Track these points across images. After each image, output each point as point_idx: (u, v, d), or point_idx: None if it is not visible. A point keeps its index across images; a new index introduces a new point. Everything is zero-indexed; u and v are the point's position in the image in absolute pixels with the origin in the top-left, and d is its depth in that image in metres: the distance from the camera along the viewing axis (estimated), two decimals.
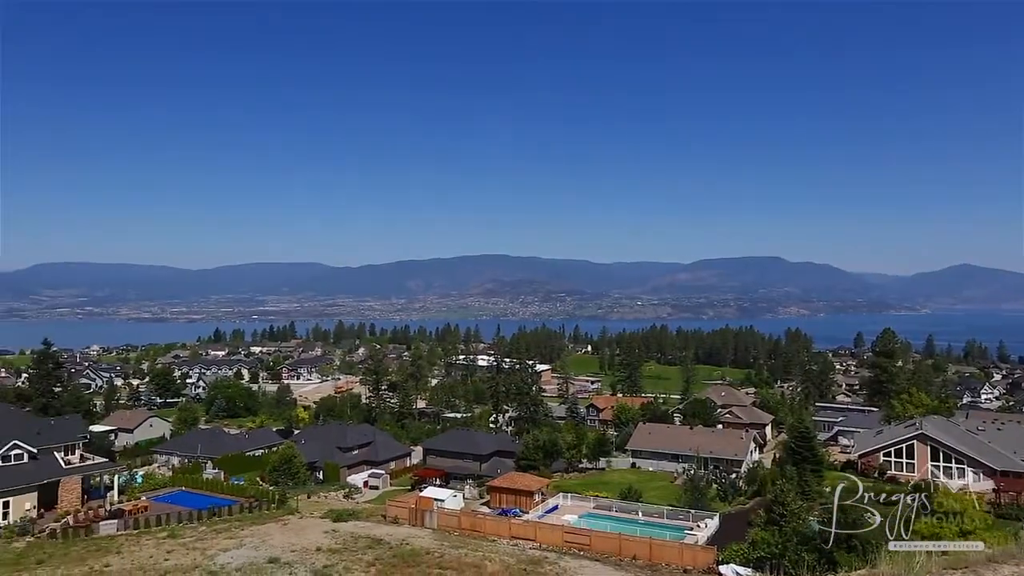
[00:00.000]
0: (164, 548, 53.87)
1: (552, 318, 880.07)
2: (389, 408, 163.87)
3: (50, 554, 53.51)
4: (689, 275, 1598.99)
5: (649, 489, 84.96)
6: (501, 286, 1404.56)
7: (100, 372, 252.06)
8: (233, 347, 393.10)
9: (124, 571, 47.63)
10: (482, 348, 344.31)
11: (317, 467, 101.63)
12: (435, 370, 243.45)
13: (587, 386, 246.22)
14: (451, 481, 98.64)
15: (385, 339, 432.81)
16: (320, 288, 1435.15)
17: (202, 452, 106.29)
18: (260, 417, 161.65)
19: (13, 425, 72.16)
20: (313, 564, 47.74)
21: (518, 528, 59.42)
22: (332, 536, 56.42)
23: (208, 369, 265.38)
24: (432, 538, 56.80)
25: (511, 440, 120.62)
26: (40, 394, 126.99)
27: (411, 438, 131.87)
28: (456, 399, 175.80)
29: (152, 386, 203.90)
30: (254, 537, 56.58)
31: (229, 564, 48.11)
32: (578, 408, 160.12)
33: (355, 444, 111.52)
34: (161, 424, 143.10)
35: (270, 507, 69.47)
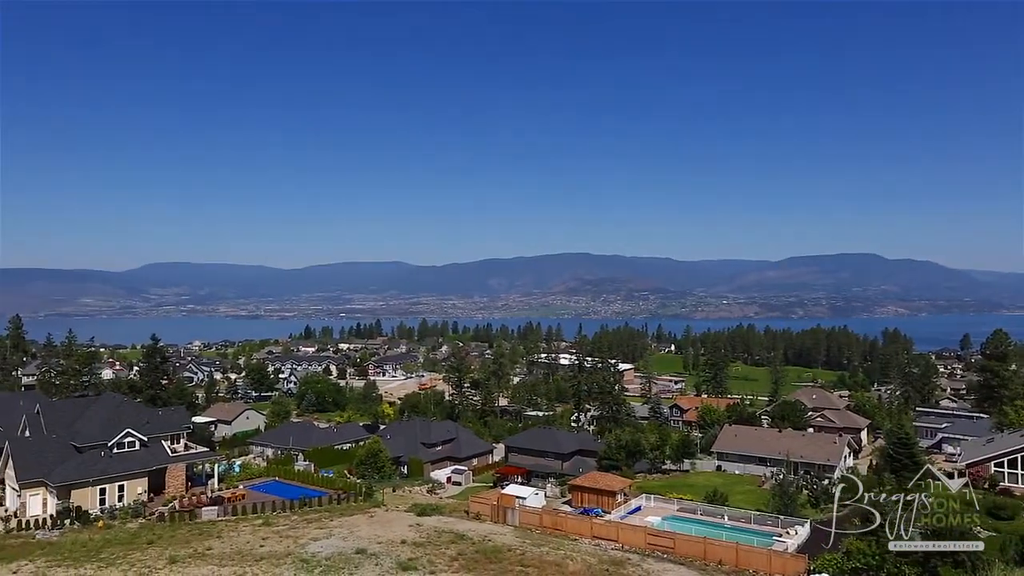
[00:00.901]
0: (259, 535, 56.46)
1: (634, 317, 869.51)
2: (471, 405, 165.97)
3: (159, 535, 57.07)
4: (778, 273, 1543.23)
5: (735, 493, 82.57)
6: (583, 284, 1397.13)
7: (201, 366, 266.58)
8: (322, 344, 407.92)
9: (224, 555, 50.21)
10: (564, 347, 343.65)
11: (402, 462, 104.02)
12: (517, 368, 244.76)
13: (670, 386, 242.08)
14: (532, 479, 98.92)
15: (468, 337, 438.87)
16: (405, 287, 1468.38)
17: (294, 444, 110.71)
18: (348, 412, 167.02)
19: (126, 415, 77.40)
20: (398, 557, 48.90)
21: (600, 528, 58.94)
22: (416, 530, 57.64)
23: (299, 365, 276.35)
24: (514, 535, 57.13)
25: (593, 439, 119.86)
26: (149, 386, 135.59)
27: (493, 435, 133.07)
28: (538, 397, 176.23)
29: (248, 380, 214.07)
30: (342, 528, 58.49)
31: (319, 553, 49.92)
32: (661, 408, 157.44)
33: (438, 440, 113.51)
34: (256, 417, 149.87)
35: (357, 499, 71.65)
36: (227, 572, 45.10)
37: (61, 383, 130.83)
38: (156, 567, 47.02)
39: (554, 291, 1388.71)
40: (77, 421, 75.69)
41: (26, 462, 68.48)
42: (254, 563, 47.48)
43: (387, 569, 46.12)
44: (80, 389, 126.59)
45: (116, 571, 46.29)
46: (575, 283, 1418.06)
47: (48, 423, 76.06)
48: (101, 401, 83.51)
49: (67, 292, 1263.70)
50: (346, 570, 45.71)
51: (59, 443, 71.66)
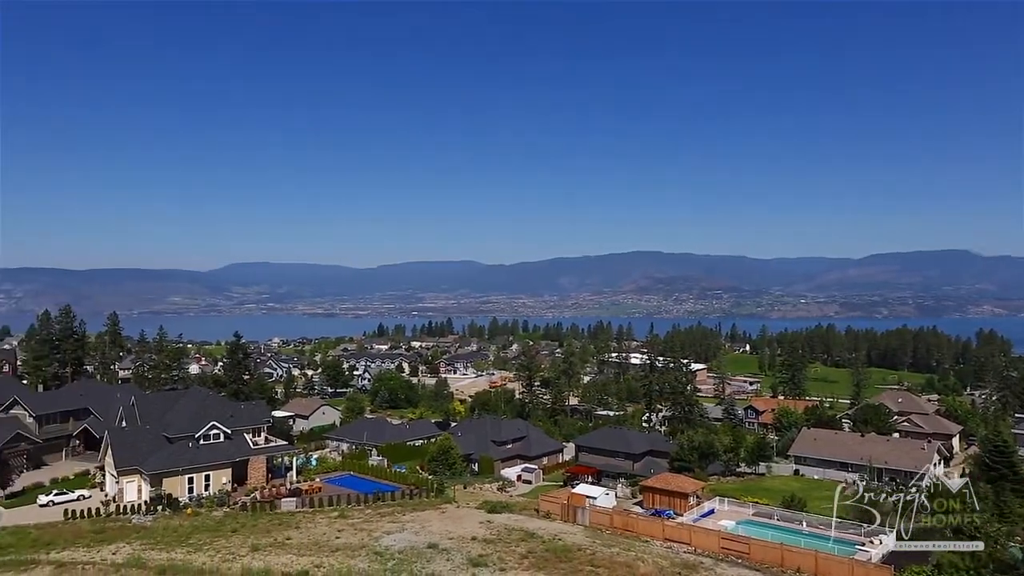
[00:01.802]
0: (335, 527, 58.12)
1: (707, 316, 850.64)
2: (542, 404, 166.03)
3: (242, 524, 59.53)
4: (860, 271, 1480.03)
5: (814, 499, 79.57)
6: (654, 283, 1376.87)
7: (280, 362, 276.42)
8: (395, 341, 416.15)
9: (302, 545, 51.92)
10: (635, 346, 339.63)
11: (472, 459, 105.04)
12: (587, 367, 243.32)
13: (745, 387, 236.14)
14: (603, 479, 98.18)
15: (538, 336, 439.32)
16: (475, 285, 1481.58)
17: (368, 440, 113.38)
18: (420, 409, 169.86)
19: (212, 408, 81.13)
20: (469, 553, 49.42)
21: (672, 530, 57.98)
22: (487, 527, 58.09)
23: (373, 362, 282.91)
24: (584, 535, 56.85)
25: (664, 440, 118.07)
26: (232, 381, 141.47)
27: (563, 434, 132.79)
28: (608, 397, 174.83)
29: (324, 376, 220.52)
30: (415, 523, 59.54)
31: (392, 547, 50.97)
32: (735, 409, 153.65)
33: (509, 438, 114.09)
34: (332, 412, 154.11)
35: (429, 495, 72.81)
36: (305, 562, 46.59)
37: (153, 377, 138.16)
38: (239, 554, 49.05)
39: (624, 290, 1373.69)
40: (167, 413, 79.81)
41: (123, 451, 72.71)
42: (330, 554, 48.89)
43: (458, 565, 46.68)
44: (170, 383, 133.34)
45: (203, 556, 48.53)
46: (646, 282, 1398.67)
47: (142, 415, 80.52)
48: (189, 395, 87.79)
49: (157, 291, 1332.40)
50: (418, 564, 46.50)
51: (152, 434, 75.75)
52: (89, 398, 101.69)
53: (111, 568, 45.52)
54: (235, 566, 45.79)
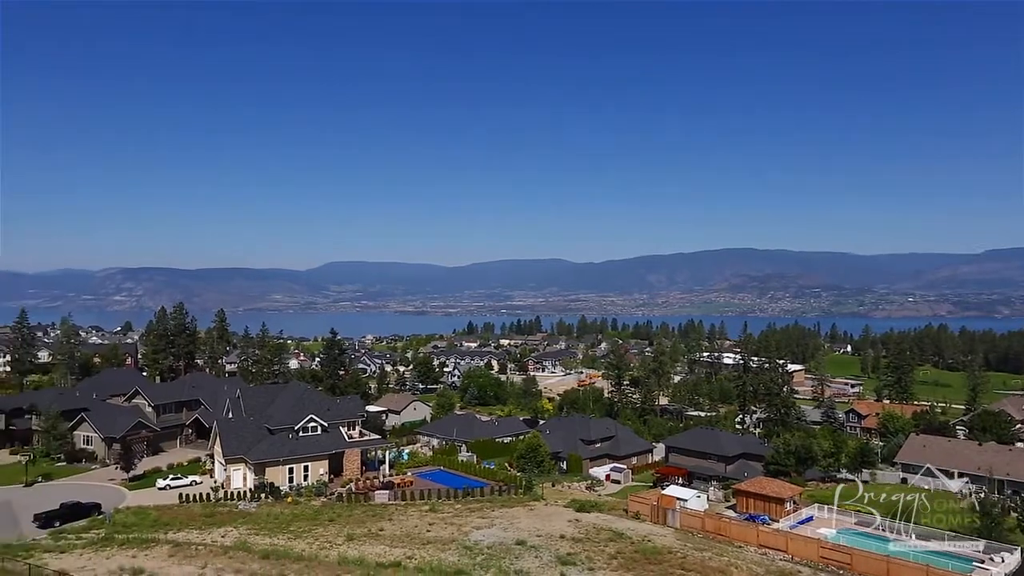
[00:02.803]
0: (426, 520, 59.38)
1: (805, 315, 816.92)
2: (631, 403, 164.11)
3: (338, 514, 61.78)
4: (976, 267, 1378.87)
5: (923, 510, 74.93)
6: (747, 281, 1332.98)
7: (373, 359, 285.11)
8: (484, 339, 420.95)
9: (395, 536, 53.34)
10: (727, 345, 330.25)
11: (561, 457, 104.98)
12: (678, 367, 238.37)
13: (846, 389, 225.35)
14: (694, 481, 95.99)
15: (627, 334, 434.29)
16: (564, 283, 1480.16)
17: (457, 436, 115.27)
18: (508, 406, 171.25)
19: (310, 402, 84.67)
20: (557, 551, 49.36)
21: (767, 536, 55.96)
22: (575, 525, 57.88)
23: (462, 359, 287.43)
24: (674, 537, 55.74)
25: (759, 443, 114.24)
26: (328, 376, 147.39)
27: (653, 434, 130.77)
28: (700, 397, 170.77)
29: (415, 373, 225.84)
30: (503, 519, 60.03)
31: (481, 542, 51.59)
32: (835, 413, 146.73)
33: (597, 437, 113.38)
34: (423, 408, 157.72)
35: (517, 492, 73.27)
36: (397, 552, 47.81)
37: (256, 371, 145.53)
38: (336, 542, 50.90)
39: (716, 288, 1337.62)
40: (269, 406, 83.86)
41: (230, 441, 76.99)
42: (421, 546, 49.98)
43: (546, 562, 46.70)
44: (271, 377, 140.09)
45: (303, 543, 50.66)
46: (739, 279, 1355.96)
47: (246, 407, 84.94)
48: (288, 389, 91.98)
49: (260, 289, 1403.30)
50: (507, 560, 46.83)
51: (255, 425, 79.80)
52: (200, 390, 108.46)
53: (220, 550, 48.20)
54: (332, 554, 47.51)
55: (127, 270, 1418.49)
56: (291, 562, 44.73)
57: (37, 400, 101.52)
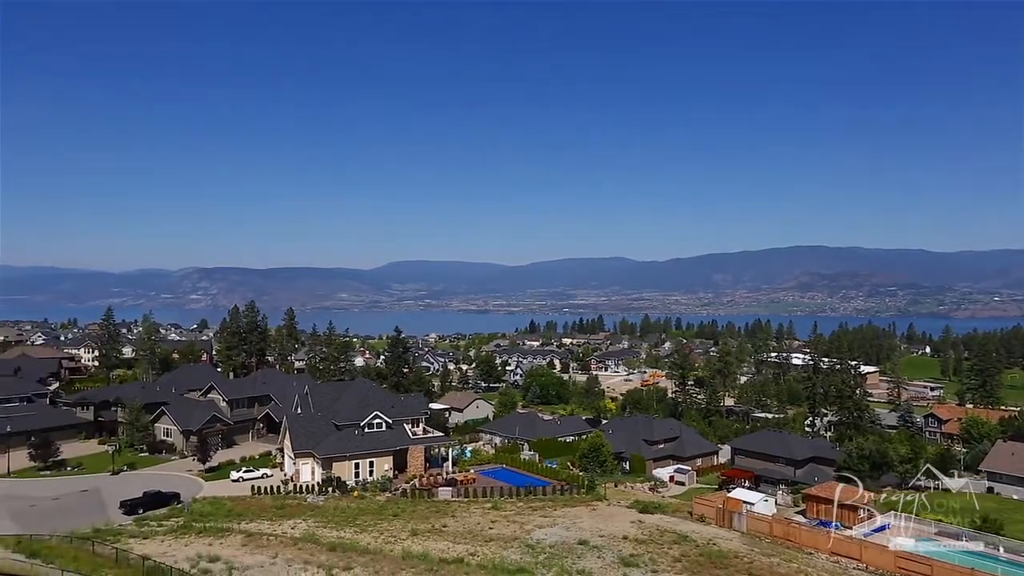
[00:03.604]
0: (489, 518, 59.76)
1: (879, 315, 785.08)
2: (696, 404, 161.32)
3: (402, 509, 62.87)
4: None
5: (1013, 521, 71.10)
6: (817, 279, 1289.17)
7: (436, 357, 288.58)
8: (546, 338, 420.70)
9: (458, 533, 53.89)
10: (796, 346, 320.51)
11: (623, 457, 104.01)
12: (744, 367, 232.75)
13: (924, 393, 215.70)
14: (761, 484, 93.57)
15: (691, 334, 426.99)
16: (627, 282, 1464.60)
17: (519, 434, 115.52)
18: (570, 405, 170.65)
19: (375, 399, 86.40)
20: (620, 552, 48.92)
21: (840, 544, 54.01)
22: (638, 527, 57.24)
23: (524, 358, 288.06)
24: (740, 541, 54.48)
25: (830, 447, 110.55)
26: (393, 373, 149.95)
27: (718, 436, 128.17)
28: (767, 398, 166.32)
29: (478, 371, 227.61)
30: (565, 518, 59.87)
31: (543, 540, 51.59)
32: (913, 417, 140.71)
33: (661, 438, 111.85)
34: (485, 406, 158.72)
35: (580, 492, 72.95)
36: (460, 549, 48.28)
37: (323, 368, 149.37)
38: (400, 537, 51.79)
39: (784, 286, 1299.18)
40: (336, 402, 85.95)
41: (299, 435, 79.25)
42: (484, 543, 50.33)
43: (609, 563, 46.35)
44: (338, 374, 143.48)
45: (368, 537, 51.75)
46: (808, 278, 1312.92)
47: (314, 402, 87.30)
48: (354, 385, 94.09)
49: (327, 288, 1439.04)
50: (569, 559, 46.69)
51: (323, 420, 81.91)
52: (270, 386, 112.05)
53: (290, 542, 49.73)
54: (396, 548, 48.37)
55: (203, 270, 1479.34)
56: (357, 555, 45.77)
57: (122, 393, 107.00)
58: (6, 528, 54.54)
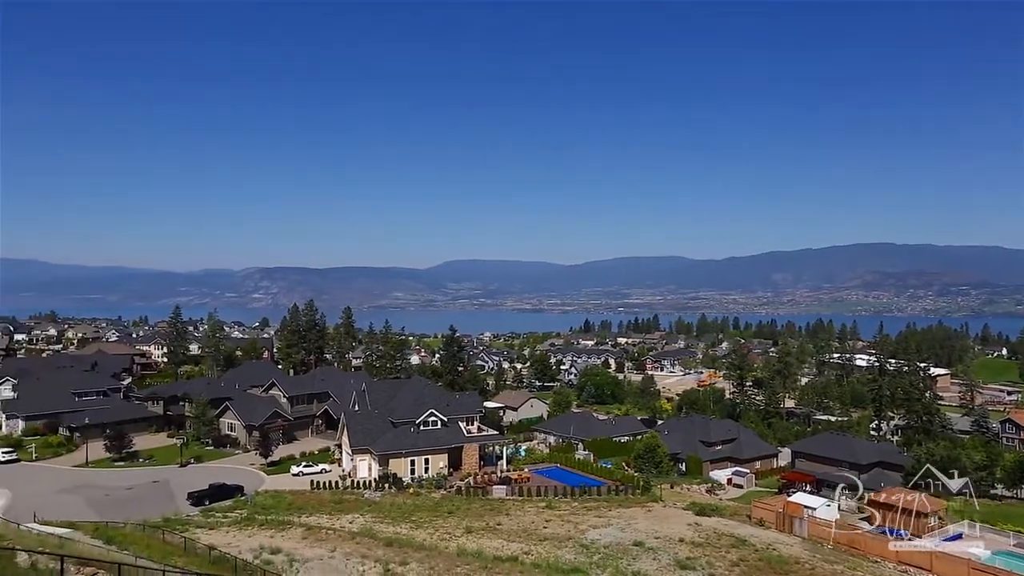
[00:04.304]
0: (543, 517, 59.68)
1: (951, 315, 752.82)
2: (754, 405, 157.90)
3: (457, 506, 63.35)
4: None
5: None
6: (883, 278, 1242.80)
7: (491, 355, 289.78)
8: (600, 337, 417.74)
9: (512, 531, 54.00)
10: (860, 346, 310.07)
11: (679, 459, 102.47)
12: (805, 368, 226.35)
13: (1001, 397, 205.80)
14: (822, 489, 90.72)
15: (749, 333, 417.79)
16: (683, 281, 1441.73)
17: (574, 434, 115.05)
18: (625, 405, 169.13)
19: (430, 397, 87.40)
20: (676, 554, 48.18)
21: (908, 553, 51.96)
22: (695, 529, 56.28)
23: (579, 357, 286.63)
24: (801, 547, 53.01)
25: (897, 451, 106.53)
26: (448, 372, 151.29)
27: (777, 438, 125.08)
28: (829, 401, 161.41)
29: (532, 370, 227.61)
30: (620, 519, 59.31)
31: (598, 541, 51.23)
32: (988, 422, 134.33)
33: (718, 439, 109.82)
34: (539, 405, 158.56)
35: (635, 492, 72.19)
36: (515, 548, 48.36)
37: (380, 366, 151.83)
38: (455, 534, 52.21)
39: (848, 285, 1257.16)
40: (392, 400, 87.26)
41: (356, 432, 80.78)
42: (538, 542, 50.29)
43: (664, 565, 45.72)
44: (394, 372, 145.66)
45: (424, 533, 52.35)
46: (873, 276, 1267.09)
47: (371, 400, 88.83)
48: (410, 383, 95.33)
49: (382, 287, 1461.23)
50: (624, 561, 46.25)
51: (380, 417, 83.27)
52: (329, 383, 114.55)
53: (348, 536, 50.70)
54: (451, 545, 48.77)
55: (264, 269, 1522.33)
56: (413, 551, 46.32)
57: (189, 389, 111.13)
58: (85, 515, 57.28)
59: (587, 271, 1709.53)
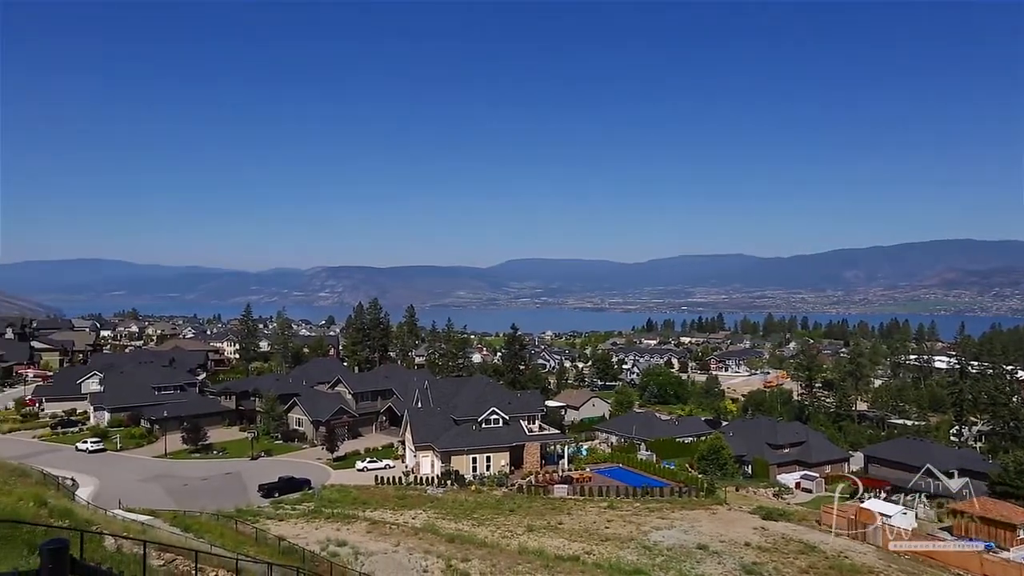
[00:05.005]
0: (604, 517, 59.26)
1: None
2: (824, 407, 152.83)
3: (519, 505, 63.54)
4: None
5: None
6: (965, 276, 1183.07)
7: (552, 354, 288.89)
8: (663, 337, 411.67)
9: (573, 531, 53.82)
10: (939, 348, 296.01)
11: (745, 461, 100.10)
12: (878, 370, 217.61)
13: None
14: (897, 495, 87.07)
15: (819, 334, 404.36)
16: (748, 279, 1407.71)
17: (636, 434, 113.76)
18: (689, 406, 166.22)
19: (491, 395, 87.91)
20: (742, 559, 47.10)
21: (995, 566, 49.39)
22: (761, 534, 54.89)
23: (641, 357, 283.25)
24: (875, 556, 51.05)
25: (980, 459, 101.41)
26: (509, 370, 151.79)
27: (849, 442, 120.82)
28: (905, 404, 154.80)
29: (594, 369, 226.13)
30: (684, 521, 58.37)
31: (661, 543, 50.53)
32: None
33: (786, 442, 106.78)
34: (601, 404, 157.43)
35: (698, 494, 70.94)
36: (576, 547, 48.18)
37: (442, 364, 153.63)
38: (516, 532, 52.37)
39: (925, 284, 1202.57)
40: (454, 397, 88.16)
41: (419, 429, 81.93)
42: (600, 543, 49.97)
43: (730, 570, 44.77)
44: (456, 370, 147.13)
45: (485, 530, 52.69)
46: (953, 274, 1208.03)
47: (434, 397, 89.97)
48: (472, 381, 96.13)
49: (445, 286, 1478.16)
50: (687, 564, 45.51)
51: (442, 415, 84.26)
52: (392, 380, 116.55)
53: (411, 531, 51.50)
54: (513, 543, 48.94)
55: (330, 268, 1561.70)
56: (475, 548, 46.68)
57: (259, 385, 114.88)
58: (165, 503, 59.95)
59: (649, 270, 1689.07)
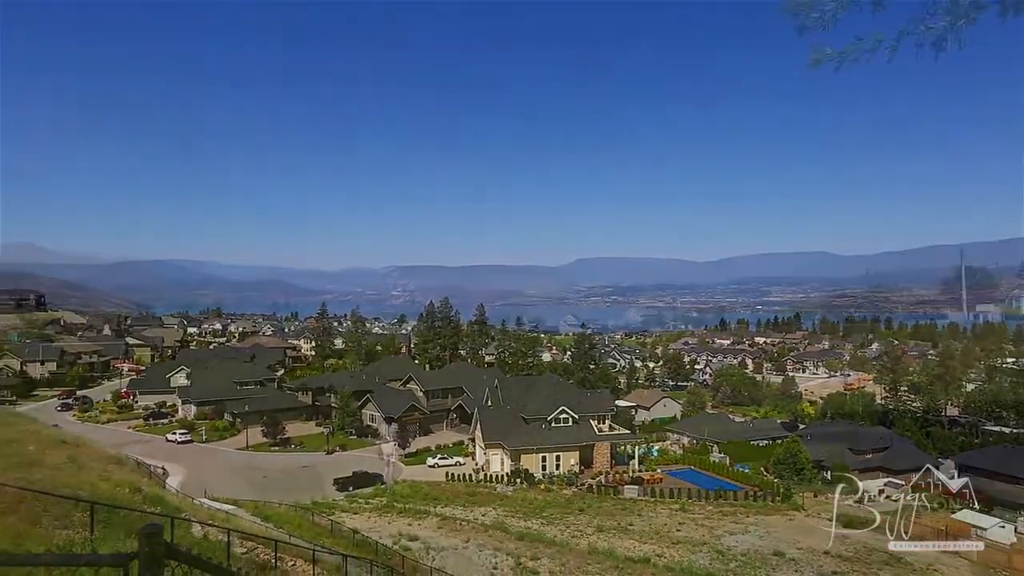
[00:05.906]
0: (676, 519, 58.27)
1: None
2: (910, 412, 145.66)
3: (588, 505, 63.23)
4: None
5: None
6: None
7: (623, 354, 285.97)
8: (737, 336, 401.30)
9: (644, 532, 53.14)
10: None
11: (823, 466, 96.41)
12: (971, 373, 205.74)
13: None
14: (995, 507, 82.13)
15: (904, 334, 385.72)
16: (827, 278, 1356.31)
17: (708, 435, 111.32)
18: (764, 408, 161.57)
19: (561, 394, 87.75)
20: (820, 567, 45.50)
21: None
22: (841, 542, 52.81)
23: (714, 357, 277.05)
24: (969, 571, 48.41)
25: None
26: (579, 369, 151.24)
27: (938, 449, 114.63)
28: (1002, 410, 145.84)
29: (665, 369, 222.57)
30: (758, 526, 56.78)
31: (735, 547, 49.31)
32: None
33: (868, 447, 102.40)
34: (672, 405, 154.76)
35: (774, 499, 68.85)
36: (647, 549, 47.56)
37: (512, 362, 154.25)
38: (586, 532, 52.10)
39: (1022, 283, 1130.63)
40: (524, 396, 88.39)
41: (489, 427, 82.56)
42: (671, 545, 49.16)
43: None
44: (526, 368, 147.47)
45: (554, 529, 52.65)
46: None
47: (503, 395, 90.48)
48: (542, 380, 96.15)
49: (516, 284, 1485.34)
50: (763, 570, 44.30)
51: (511, 413, 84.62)
52: (462, 378, 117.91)
53: (481, 528, 51.97)
54: (582, 543, 48.72)
55: (402, 268, 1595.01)
56: (544, 546, 46.71)
57: (334, 381, 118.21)
58: (247, 494, 62.51)
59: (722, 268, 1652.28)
